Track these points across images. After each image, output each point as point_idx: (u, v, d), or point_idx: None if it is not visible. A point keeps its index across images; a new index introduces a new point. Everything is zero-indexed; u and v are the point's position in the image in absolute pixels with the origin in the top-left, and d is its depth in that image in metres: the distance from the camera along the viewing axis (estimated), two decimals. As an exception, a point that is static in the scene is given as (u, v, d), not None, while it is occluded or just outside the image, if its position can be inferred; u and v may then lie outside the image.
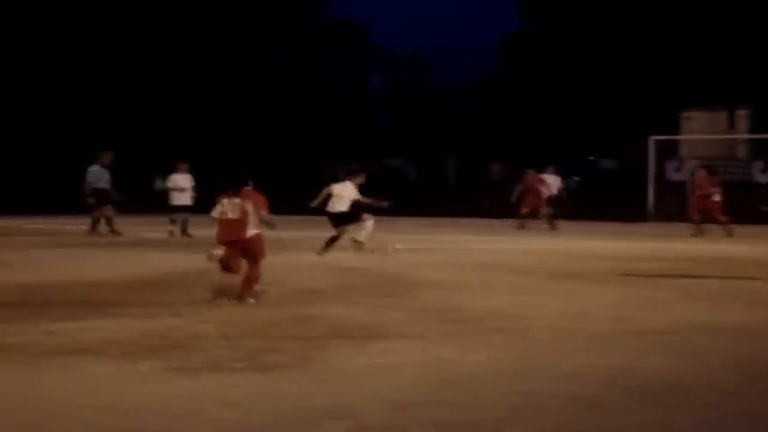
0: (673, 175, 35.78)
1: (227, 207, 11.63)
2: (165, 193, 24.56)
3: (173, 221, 24.14)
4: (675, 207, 32.65)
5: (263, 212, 11.68)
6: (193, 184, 24.40)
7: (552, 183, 28.99)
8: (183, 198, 24.13)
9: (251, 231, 11.67)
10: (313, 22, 54.47)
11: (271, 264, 16.12)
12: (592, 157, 44.86)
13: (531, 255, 19.09)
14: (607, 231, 24.78)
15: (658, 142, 33.59)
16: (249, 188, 11.88)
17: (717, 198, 24.92)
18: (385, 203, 18.54)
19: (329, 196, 18.92)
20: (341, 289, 12.84)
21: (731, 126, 37.03)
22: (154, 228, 25.75)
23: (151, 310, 10.63)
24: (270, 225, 11.86)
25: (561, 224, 27.87)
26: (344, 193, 18.87)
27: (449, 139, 53.76)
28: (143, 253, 18.86)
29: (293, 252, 18.88)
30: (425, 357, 7.97)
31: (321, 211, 18.90)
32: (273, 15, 51.32)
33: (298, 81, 52.24)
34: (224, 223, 11.64)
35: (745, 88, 40.40)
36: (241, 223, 11.56)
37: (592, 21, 47.82)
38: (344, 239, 18.45)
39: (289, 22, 51.97)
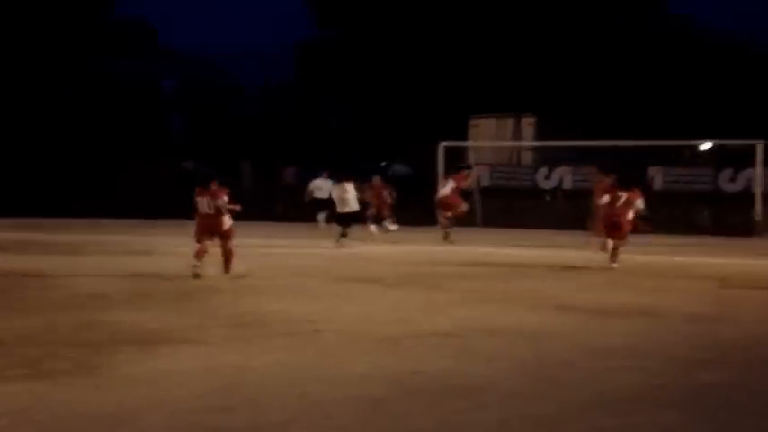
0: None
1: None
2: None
3: None
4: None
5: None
6: None
7: (325, 187, 29.62)
8: None
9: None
10: (101, 22, 53.19)
11: (57, 267, 15.74)
12: (384, 162, 45.33)
13: (324, 259, 19.19)
14: (398, 236, 25.10)
15: (447, 148, 34.25)
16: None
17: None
18: None
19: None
20: (129, 294, 12.59)
21: (518, 133, 38.13)
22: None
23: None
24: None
25: (353, 229, 28.09)
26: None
27: (243, 143, 53.44)
28: None
29: (82, 256, 18.44)
30: (210, 362, 7.89)
31: (113, 213, 18.75)
32: (60, 15, 49.86)
33: (86, 82, 50.94)
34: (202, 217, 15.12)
35: (531, 97, 41.70)
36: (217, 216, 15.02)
37: (383, 26, 48.40)
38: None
39: (75, 22, 50.61)
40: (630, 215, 18.38)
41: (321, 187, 30.39)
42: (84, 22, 50.59)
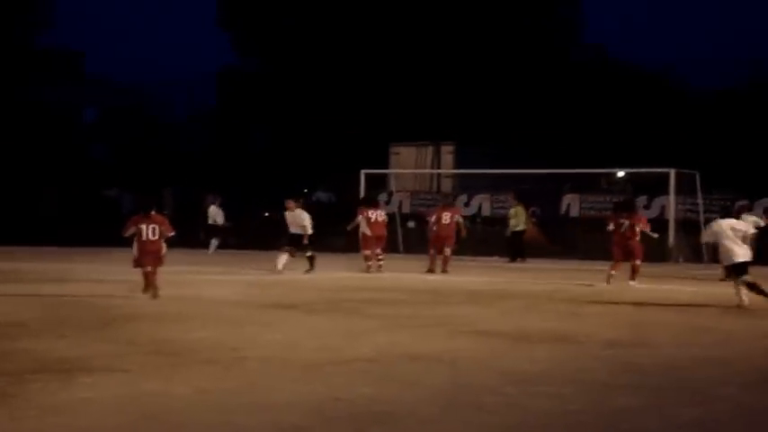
0: (382, 206, 36.69)
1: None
2: None
3: None
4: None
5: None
6: None
7: (218, 214, 32.45)
8: None
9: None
10: (26, 48, 52.62)
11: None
12: (306, 190, 45.39)
13: (243, 285, 19.17)
14: (320, 263, 25.13)
15: (369, 175, 34.42)
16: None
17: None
18: None
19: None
20: (46, 321, 12.46)
21: (437, 161, 38.45)
22: None
23: None
24: None
25: (271, 256, 28.18)
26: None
27: (165, 170, 53.13)
28: None
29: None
30: (130, 391, 7.83)
31: (30, 240, 18.71)
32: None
33: (7, 108, 50.27)
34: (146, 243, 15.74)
35: (450, 125, 42.09)
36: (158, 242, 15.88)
37: (304, 54, 48.55)
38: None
39: (1, 50, 50.01)
40: (638, 237, 19.60)
41: (215, 214, 31.71)
42: (8, 49, 50.03)
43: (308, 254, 23.05)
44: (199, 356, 9.67)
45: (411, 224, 30.90)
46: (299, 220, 23.16)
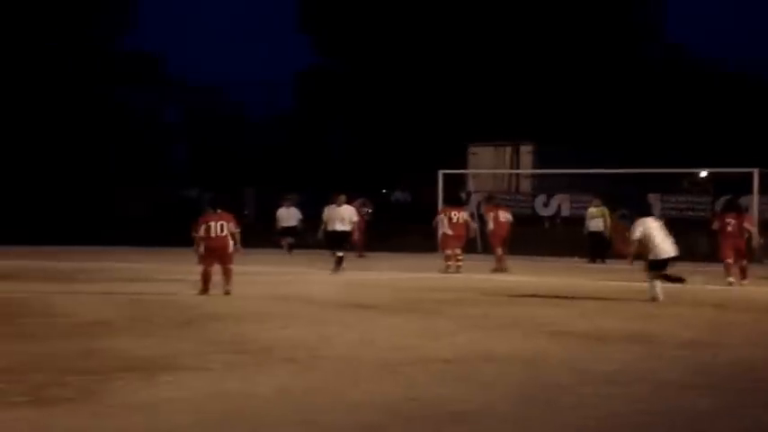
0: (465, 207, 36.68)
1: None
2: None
3: None
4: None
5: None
6: None
7: (289, 216, 31.68)
8: None
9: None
10: (109, 52, 53.47)
11: (59, 295, 15.88)
12: (384, 190, 45.46)
13: (325, 285, 19.32)
14: (398, 263, 25.24)
15: (446, 175, 34.38)
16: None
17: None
18: None
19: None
20: (131, 320, 12.71)
21: (516, 161, 38.27)
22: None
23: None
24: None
25: (352, 255, 28.37)
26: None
27: (246, 171, 53.63)
28: None
29: (83, 283, 18.57)
30: (211, 389, 7.98)
31: (115, 240, 19.16)
32: (69, 45, 50.16)
33: (91, 110, 51.14)
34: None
35: (530, 125, 41.86)
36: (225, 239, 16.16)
37: (383, 55, 48.63)
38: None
39: (84, 52, 50.88)
40: (745, 236, 19.70)
41: (284, 216, 31.45)
42: (92, 52, 50.89)
43: (341, 254, 22.13)
44: (279, 355, 9.81)
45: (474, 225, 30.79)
46: (348, 215, 22.65)
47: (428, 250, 27.53)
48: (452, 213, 24.21)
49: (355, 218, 22.64)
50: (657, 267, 16.74)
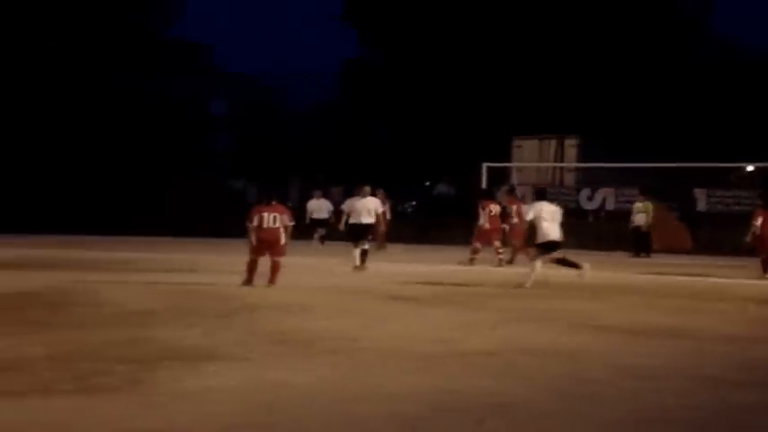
0: (504, 200, 36.60)
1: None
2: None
3: None
4: (506, 232, 33.41)
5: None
6: None
7: (320, 207, 31.37)
8: None
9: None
10: (156, 42, 53.82)
11: (105, 285, 16.06)
12: (428, 183, 45.52)
13: (364, 277, 19.38)
14: (439, 255, 25.27)
15: (490, 169, 34.36)
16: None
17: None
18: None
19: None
20: (176, 310, 12.83)
21: (560, 154, 38.17)
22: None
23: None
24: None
25: (394, 247, 28.52)
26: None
27: (291, 162, 53.86)
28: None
29: (129, 273, 18.75)
30: (253, 379, 8.07)
31: (161, 230, 19.23)
32: (116, 35, 50.54)
33: (137, 101, 51.55)
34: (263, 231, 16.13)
35: (575, 118, 41.71)
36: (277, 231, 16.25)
37: (428, 47, 48.61)
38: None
39: (130, 42, 51.25)
40: None
41: (315, 208, 31.30)
42: (140, 41, 51.27)
43: (366, 246, 21.50)
44: (320, 346, 9.88)
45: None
46: (374, 206, 21.83)
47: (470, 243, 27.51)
48: (490, 206, 24.27)
49: (380, 209, 22.31)
50: (542, 250, 17.59)
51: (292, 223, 16.74)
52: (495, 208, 24.44)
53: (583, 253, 28.00)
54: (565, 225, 26.80)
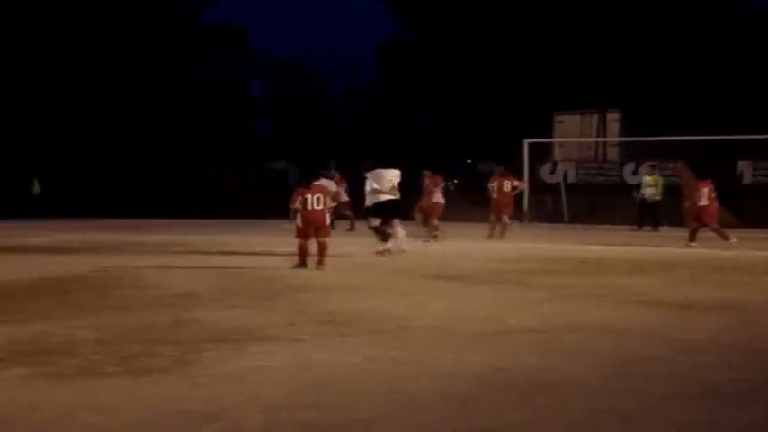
0: (547, 177, 36.51)
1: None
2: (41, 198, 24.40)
3: None
4: (549, 208, 33.36)
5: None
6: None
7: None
8: None
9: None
10: (193, 25, 53.98)
11: (149, 268, 16.13)
12: (469, 161, 45.35)
13: (409, 256, 19.31)
14: (483, 233, 25.18)
15: (532, 145, 34.18)
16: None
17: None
18: None
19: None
20: (219, 292, 12.85)
21: (603, 129, 37.90)
22: (38, 232, 25.70)
23: (23, 316, 10.48)
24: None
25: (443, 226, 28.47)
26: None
27: (329, 143, 53.88)
28: (25, 258, 18.65)
29: (173, 256, 18.83)
30: (300, 359, 8.05)
31: (203, 213, 19.19)
32: (153, 18, 50.73)
33: (177, 84, 51.76)
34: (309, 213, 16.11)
35: (617, 92, 41.37)
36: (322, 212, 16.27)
37: (466, 24, 48.37)
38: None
39: (168, 26, 51.44)
40: None
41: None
42: (175, 26, 51.48)
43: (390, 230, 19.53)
44: (366, 326, 9.85)
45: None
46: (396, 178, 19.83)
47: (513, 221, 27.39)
48: (504, 182, 25.20)
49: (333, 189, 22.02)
50: (373, 214, 18.43)
51: (334, 204, 16.74)
52: (507, 183, 25.37)
53: (626, 228, 27.86)
54: (607, 200, 26.78)
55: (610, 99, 39.33)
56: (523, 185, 26.67)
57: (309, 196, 16.29)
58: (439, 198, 24.72)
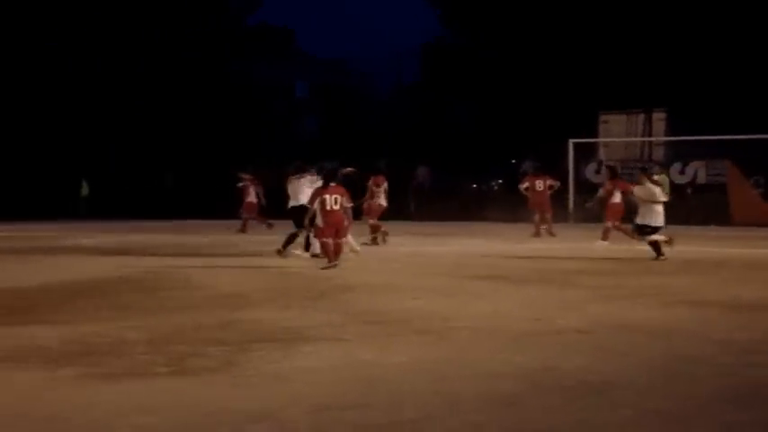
0: (592, 177, 36.30)
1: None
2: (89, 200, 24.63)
3: None
4: (594, 208, 33.08)
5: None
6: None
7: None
8: None
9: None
10: (239, 26, 54.24)
11: (196, 269, 16.25)
12: (514, 160, 45.21)
13: (453, 256, 19.32)
14: (526, 233, 25.11)
15: (577, 145, 34.01)
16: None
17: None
18: None
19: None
20: (267, 293, 12.92)
21: (648, 129, 37.64)
22: (87, 234, 25.99)
23: (74, 317, 10.60)
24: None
25: (481, 226, 28.56)
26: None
27: (374, 144, 53.91)
28: (75, 259, 18.84)
29: (219, 257, 18.94)
30: (347, 359, 8.09)
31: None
32: (200, 20, 51.04)
33: (223, 85, 52.03)
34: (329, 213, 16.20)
35: (662, 92, 41.07)
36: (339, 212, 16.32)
37: (511, 24, 48.21)
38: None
39: (214, 26, 51.73)
40: None
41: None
42: (223, 27, 51.75)
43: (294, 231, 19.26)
44: (412, 326, 9.87)
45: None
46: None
47: (558, 221, 27.32)
48: (536, 182, 25.58)
49: None
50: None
51: (351, 205, 16.78)
52: (540, 183, 25.75)
53: (673, 228, 27.63)
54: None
55: (655, 98, 39.05)
56: (558, 184, 26.61)
57: (328, 197, 16.44)
58: (381, 200, 24.02)
